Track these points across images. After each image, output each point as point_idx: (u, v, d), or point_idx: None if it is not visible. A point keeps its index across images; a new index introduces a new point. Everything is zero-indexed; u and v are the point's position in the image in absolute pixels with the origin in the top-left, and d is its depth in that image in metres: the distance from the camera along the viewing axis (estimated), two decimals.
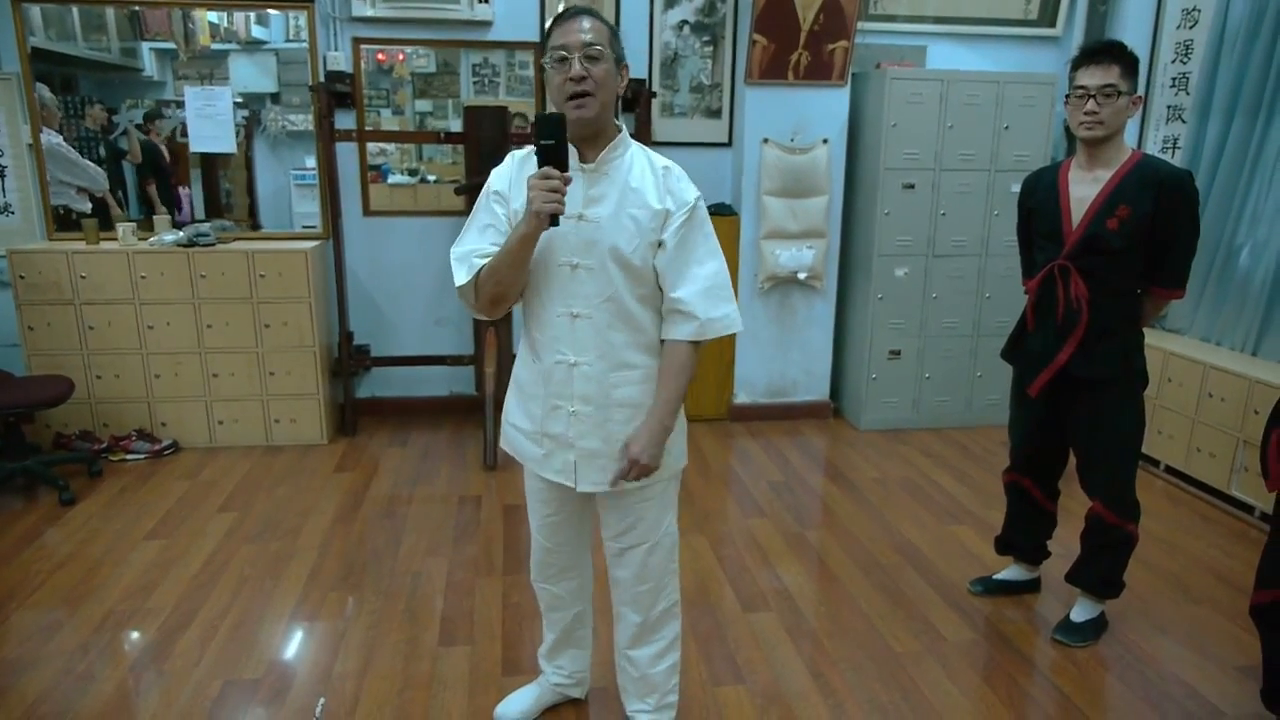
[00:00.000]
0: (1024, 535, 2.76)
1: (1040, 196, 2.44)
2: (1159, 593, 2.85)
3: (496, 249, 1.69)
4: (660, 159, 1.75)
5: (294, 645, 2.50)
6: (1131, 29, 4.07)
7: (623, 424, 1.76)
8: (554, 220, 1.57)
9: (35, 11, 3.88)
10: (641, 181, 1.69)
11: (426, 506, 3.43)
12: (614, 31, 1.68)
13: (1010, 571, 2.83)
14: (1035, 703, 2.30)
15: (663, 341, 1.78)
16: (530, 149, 1.76)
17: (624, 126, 1.75)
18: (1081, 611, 2.58)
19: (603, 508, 1.89)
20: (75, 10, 3.94)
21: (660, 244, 1.70)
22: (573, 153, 1.64)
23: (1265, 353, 3.58)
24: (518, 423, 1.88)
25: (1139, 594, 2.79)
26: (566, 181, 1.55)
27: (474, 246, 1.73)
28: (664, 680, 2.01)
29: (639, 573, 1.89)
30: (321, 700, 2.24)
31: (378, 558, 3.00)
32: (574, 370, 1.73)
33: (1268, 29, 3.57)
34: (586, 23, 1.62)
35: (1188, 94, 3.99)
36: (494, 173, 1.79)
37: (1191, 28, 3.96)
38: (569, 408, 1.75)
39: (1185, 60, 4.00)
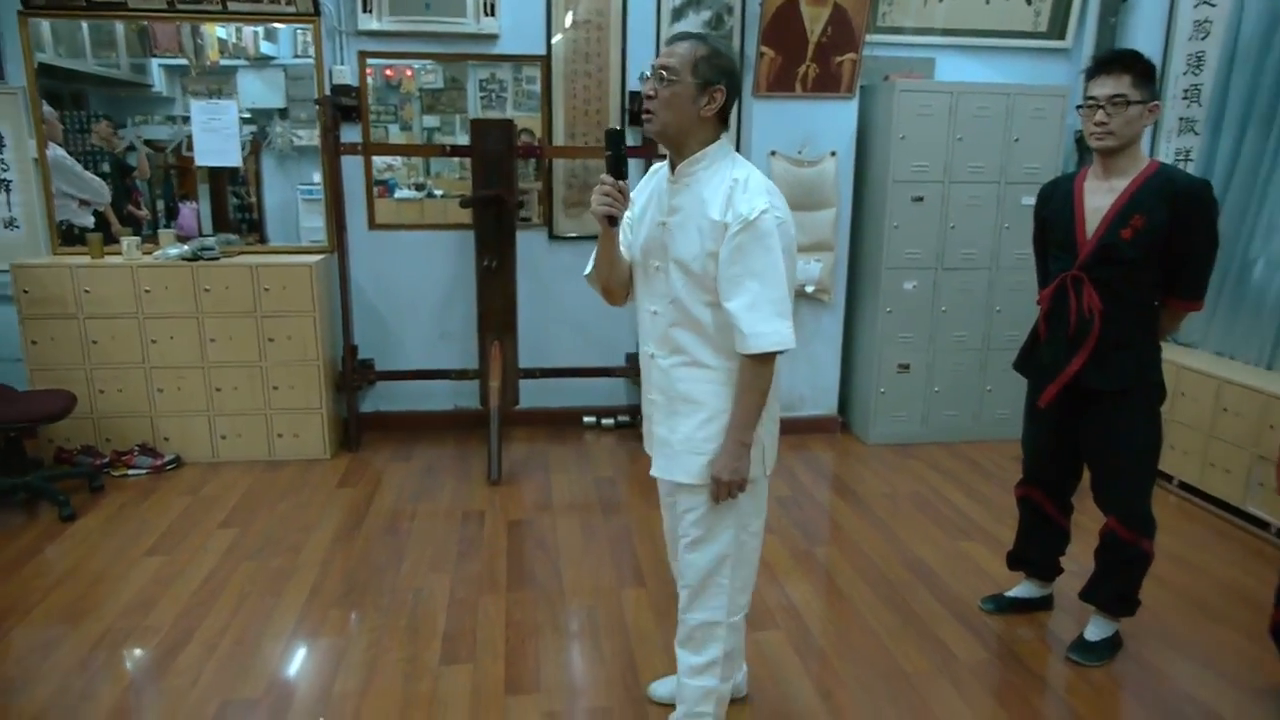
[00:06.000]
0: (1036, 550, 2.71)
1: (1055, 206, 2.40)
2: (1175, 611, 2.79)
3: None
4: (741, 171, 1.76)
5: (294, 664, 2.46)
6: (1143, 40, 4.04)
7: (687, 417, 1.84)
8: (612, 221, 1.77)
9: (45, 28, 3.88)
10: (713, 194, 1.75)
11: (430, 522, 3.39)
12: (710, 56, 1.71)
13: (1022, 589, 2.78)
14: None
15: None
16: (665, 163, 1.88)
17: (719, 139, 1.78)
18: (1096, 630, 2.53)
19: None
20: (85, 27, 3.94)
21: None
22: (668, 164, 1.83)
23: None
24: None
25: (1154, 612, 2.73)
26: (619, 188, 1.74)
27: None
28: (693, 699, 1.96)
29: (681, 568, 1.95)
30: None
31: (379, 574, 2.97)
32: (652, 362, 1.90)
33: None
34: (673, 46, 1.75)
35: (1200, 106, 3.95)
36: None
37: (1204, 39, 3.92)
38: (650, 395, 1.92)
39: (1197, 72, 3.96)
